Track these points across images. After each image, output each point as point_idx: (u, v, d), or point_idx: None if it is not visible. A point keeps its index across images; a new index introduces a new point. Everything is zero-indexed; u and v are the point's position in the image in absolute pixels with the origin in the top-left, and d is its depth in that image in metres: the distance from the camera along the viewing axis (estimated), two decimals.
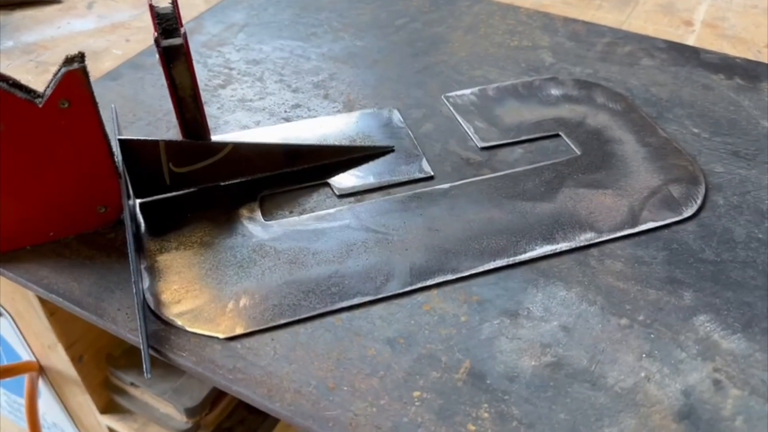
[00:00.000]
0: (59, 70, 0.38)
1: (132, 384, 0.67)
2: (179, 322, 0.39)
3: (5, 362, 0.72)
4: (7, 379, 0.75)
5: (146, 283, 0.41)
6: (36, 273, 0.42)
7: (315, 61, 0.61)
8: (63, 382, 0.68)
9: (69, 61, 0.38)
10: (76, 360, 0.63)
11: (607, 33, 0.66)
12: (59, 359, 0.63)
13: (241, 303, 0.40)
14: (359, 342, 0.38)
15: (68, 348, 0.61)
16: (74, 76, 0.37)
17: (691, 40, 0.67)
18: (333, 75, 0.60)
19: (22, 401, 0.71)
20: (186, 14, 0.68)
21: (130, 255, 0.40)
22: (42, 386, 0.71)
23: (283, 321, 0.39)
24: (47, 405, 0.73)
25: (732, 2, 0.74)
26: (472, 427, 0.34)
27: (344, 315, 0.39)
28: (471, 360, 0.37)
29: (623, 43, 0.64)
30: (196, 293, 0.40)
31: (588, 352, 0.38)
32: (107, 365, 0.67)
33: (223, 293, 0.40)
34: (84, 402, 0.69)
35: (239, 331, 0.38)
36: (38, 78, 0.60)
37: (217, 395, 0.68)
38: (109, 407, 0.69)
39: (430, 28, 0.66)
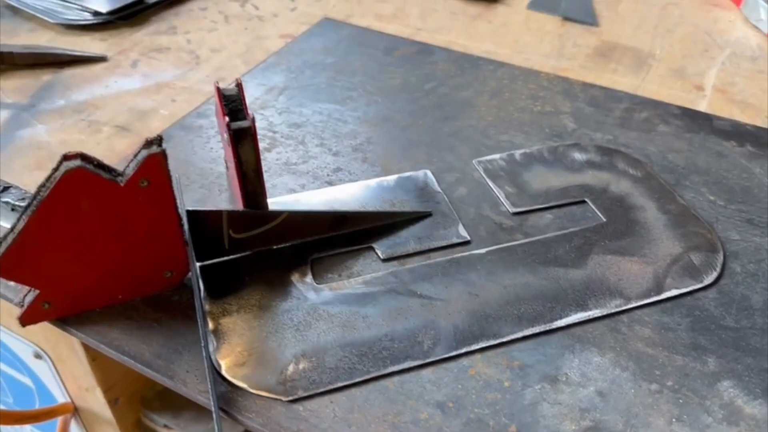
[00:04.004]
0: (139, 151, 0.42)
1: (165, 426, 0.69)
2: (244, 385, 0.42)
3: (40, 403, 0.74)
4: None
5: (212, 346, 0.44)
6: (107, 335, 0.45)
7: (352, 124, 0.65)
8: (96, 424, 0.70)
9: (149, 144, 0.42)
10: (113, 403, 0.66)
11: (624, 98, 0.70)
12: (96, 401, 0.66)
13: (301, 366, 0.43)
14: (412, 405, 0.41)
15: (106, 391, 0.64)
16: (156, 159, 0.41)
17: (702, 106, 0.71)
18: (370, 138, 0.64)
19: None
20: (228, 76, 0.72)
21: (199, 322, 0.43)
22: (73, 427, 0.73)
23: (340, 384, 0.42)
24: None
25: (740, 67, 0.78)
26: None
27: (396, 378, 0.43)
28: (516, 425, 0.40)
29: (640, 109, 0.69)
30: (259, 356, 0.43)
31: (623, 417, 0.41)
32: (141, 407, 0.69)
33: (283, 356, 0.44)
34: None
35: (301, 393, 0.41)
36: (90, 138, 0.64)
37: None
38: None
39: (458, 92, 0.71)
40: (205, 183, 0.57)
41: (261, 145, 0.62)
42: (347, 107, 0.68)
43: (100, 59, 0.76)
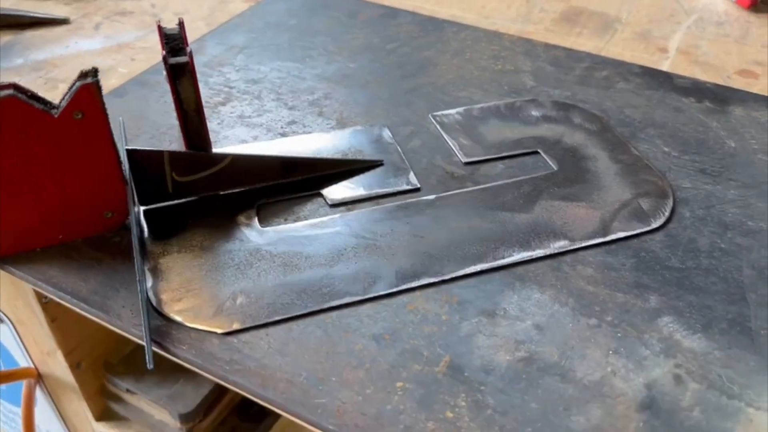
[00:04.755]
0: (74, 83, 0.41)
1: (128, 390, 0.68)
2: (180, 319, 0.41)
3: (3, 369, 0.74)
4: (4, 389, 0.77)
5: (149, 282, 0.44)
6: (45, 273, 0.45)
7: (310, 81, 0.65)
8: (60, 389, 0.70)
9: (83, 75, 0.41)
10: (74, 366, 0.65)
11: (586, 58, 0.70)
12: (58, 366, 0.65)
13: (238, 301, 0.43)
14: (348, 338, 0.41)
15: (67, 354, 0.63)
16: (88, 89, 0.41)
17: (665, 66, 0.71)
18: (327, 94, 0.63)
19: (18, 410, 0.72)
20: (189, 36, 0.72)
21: (134, 256, 0.43)
22: (38, 395, 0.73)
23: (277, 318, 0.42)
24: (43, 414, 0.75)
25: (705, 30, 0.78)
26: (450, 414, 0.37)
27: (334, 313, 0.42)
28: (451, 355, 0.40)
29: (601, 68, 0.69)
30: (196, 292, 0.43)
31: (559, 349, 0.41)
32: (104, 372, 0.69)
33: (221, 292, 0.43)
34: (80, 409, 0.70)
35: (236, 326, 0.41)
36: (47, 94, 0.63)
37: (210, 403, 0.70)
38: (104, 415, 0.71)
39: (420, 52, 0.70)
40: (155, 134, 0.57)
41: (216, 99, 0.62)
42: (306, 65, 0.67)
43: (62, 21, 0.75)
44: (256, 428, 0.78)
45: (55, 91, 0.64)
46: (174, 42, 0.46)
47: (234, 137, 0.57)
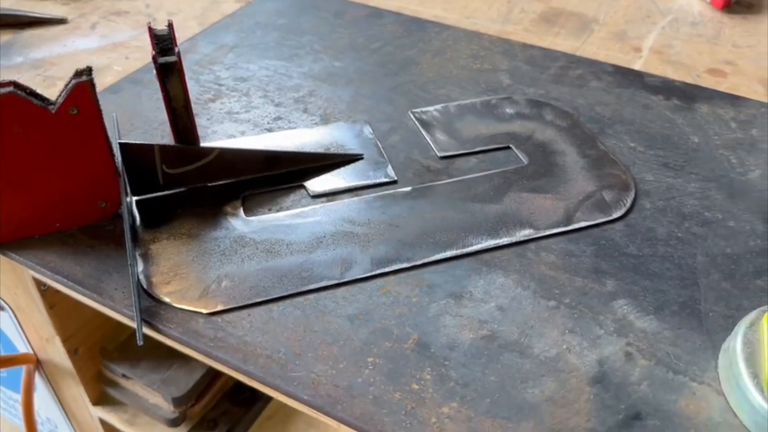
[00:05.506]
0: (70, 81, 0.45)
1: (124, 376, 0.72)
2: (168, 300, 0.45)
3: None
4: (5, 376, 0.80)
5: (140, 267, 0.47)
6: (43, 258, 0.48)
7: (296, 79, 0.68)
8: (58, 375, 0.73)
9: (78, 74, 0.45)
10: (72, 352, 0.68)
11: (561, 58, 0.73)
12: (56, 351, 0.68)
13: (223, 284, 0.46)
14: (324, 318, 0.44)
15: (65, 340, 0.66)
16: (83, 86, 0.44)
17: (638, 65, 0.74)
18: (312, 92, 0.66)
19: (18, 397, 0.75)
20: (181, 36, 0.75)
21: (127, 243, 0.46)
22: (38, 382, 0.75)
23: (258, 300, 0.45)
24: (42, 400, 0.78)
25: (679, 31, 0.81)
26: (416, 386, 0.40)
27: (312, 296, 0.46)
28: (419, 333, 0.43)
29: (575, 67, 0.72)
30: (184, 276, 0.46)
31: (519, 328, 0.44)
32: (101, 358, 0.72)
33: (207, 276, 0.46)
34: (78, 394, 0.73)
35: (220, 307, 0.44)
36: (45, 91, 0.66)
37: (203, 388, 0.73)
38: (101, 399, 0.74)
39: (402, 51, 0.73)
40: (148, 129, 0.60)
41: (206, 96, 0.65)
42: (293, 63, 0.71)
43: (60, 21, 0.78)
44: (247, 413, 0.81)
45: (54, 89, 0.67)
46: (164, 42, 0.49)
47: (222, 132, 0.60)
